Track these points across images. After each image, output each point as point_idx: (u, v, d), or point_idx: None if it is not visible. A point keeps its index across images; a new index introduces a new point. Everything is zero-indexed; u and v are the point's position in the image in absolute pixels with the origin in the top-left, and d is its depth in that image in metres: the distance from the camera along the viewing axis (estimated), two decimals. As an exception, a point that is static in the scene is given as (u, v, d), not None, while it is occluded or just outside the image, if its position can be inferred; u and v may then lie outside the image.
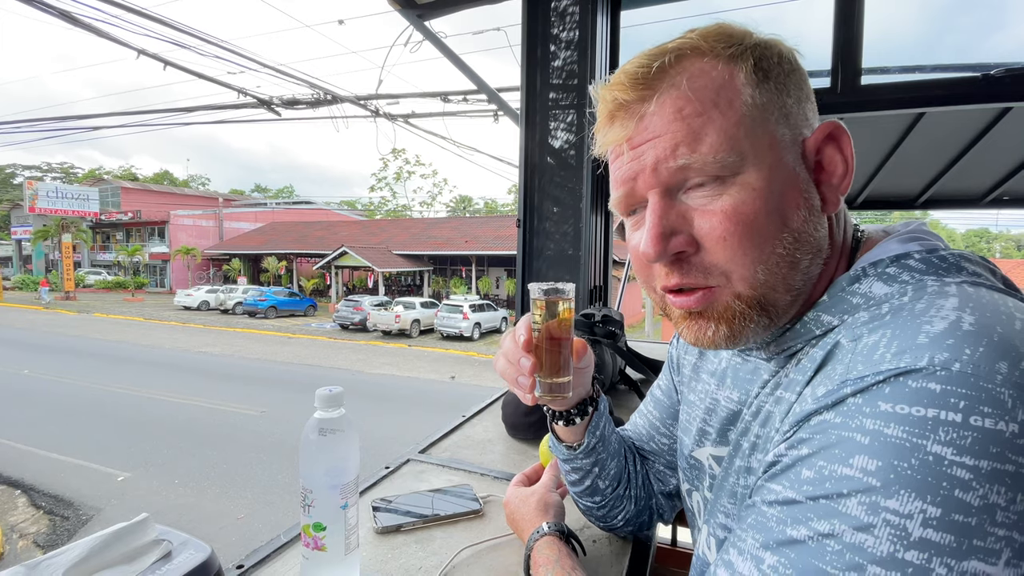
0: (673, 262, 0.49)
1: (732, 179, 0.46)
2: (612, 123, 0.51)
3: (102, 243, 36.87)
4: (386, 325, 19.33)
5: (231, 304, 24.51)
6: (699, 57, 0.48)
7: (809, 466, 0.38)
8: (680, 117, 0.46)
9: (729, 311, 0.49)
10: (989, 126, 2.06)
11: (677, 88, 0.47)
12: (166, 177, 60.65)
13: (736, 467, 0.55)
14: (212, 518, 5.67)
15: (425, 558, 0.79)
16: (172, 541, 0.57)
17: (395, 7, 2.23)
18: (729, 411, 0.61)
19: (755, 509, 0.42)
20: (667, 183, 0.48)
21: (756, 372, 0.58)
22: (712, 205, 0.47)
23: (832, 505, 0.35)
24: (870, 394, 0.36)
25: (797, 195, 0.48)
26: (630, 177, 0.50)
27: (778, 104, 0.48)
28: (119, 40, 5.89)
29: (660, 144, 0.47)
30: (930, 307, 0.39)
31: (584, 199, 1.91)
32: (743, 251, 0.46)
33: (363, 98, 8.42)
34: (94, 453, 7.34)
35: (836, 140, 0.50)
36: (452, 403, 10.12)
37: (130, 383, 11.57)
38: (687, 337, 0.53)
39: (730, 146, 0.46)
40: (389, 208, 48.48)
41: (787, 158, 0.48)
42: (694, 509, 0.67)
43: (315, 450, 0.66)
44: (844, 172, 0.50)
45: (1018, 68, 1.73)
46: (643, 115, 0.48)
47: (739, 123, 0.46)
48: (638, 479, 0.80)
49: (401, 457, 1.15)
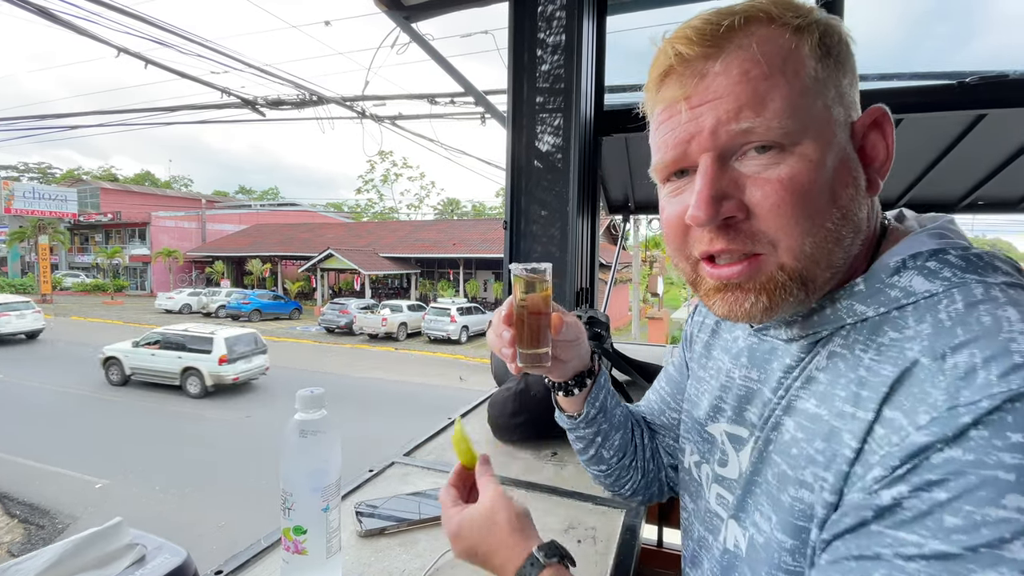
0: (720, 227, 0.48)
1: (790, 148, 0.46)
2: (668, 80, 0.49)
3: (80, 245, 36.08)
4: (373, 328, 19.19)
5: (214, 307, 24.15)
6: (768, 23, 0.47)
7: (953, 512, 0.35)
8: (747, 79, 0.45)
9: (772, 282, 0.48)
10: (964, 132, 2.12)
11: (745, 50, 0.46)
12: (147, 178, 59.57)
13: (778, 471, 0.51)
14: (192, 525, 5.57)
15: (409, 561, 0.78)
16: (146, 545, 0.56)
17: (382, 9, 2.22)
18: (747, 389, 0.60)
19: (885, 563, 0.37)
20: (724, 147, 0.47)
21: (773, 353, 0.57)
22: (767, 173, 0.46)
23: (997, 553, 0.33)
24: (994, 425, 0.35)
25: (847, 173, 0.48)
26: (684, 140, 0.48)
27: (835, 82, 0.48)
28: (99, 38, 5.79)
29: (722, 105, 0.46)
30: (997, 320, 0.39)
31: (571, 202, 1.91)
32: (795, 221, 0.46)
33: (349, 99, 8.37)
34: (71, 460, 7.17)
35: (881, 126, 0.50)
36: (440, 406, 10.08)
37: (107, 388, 11.32)
38: (718, 309, 0.51)
39: (793, 114, 0.45)
40: (376, 210, 48.20)
41: (840, 136, 0.48)
42: (701, 480, 0.66)
43: (296, 452, 0.65)
44: (885, 158, 0.50)
45: (992, 75, 1.78)
46: (706, 73, 0.47)
47: (803, 93, 0.46)
48: (646, 452, 0.81)
49: (385, 460, 1.14)
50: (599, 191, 2.35)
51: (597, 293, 2.28)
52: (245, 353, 11.45)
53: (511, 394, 1.27)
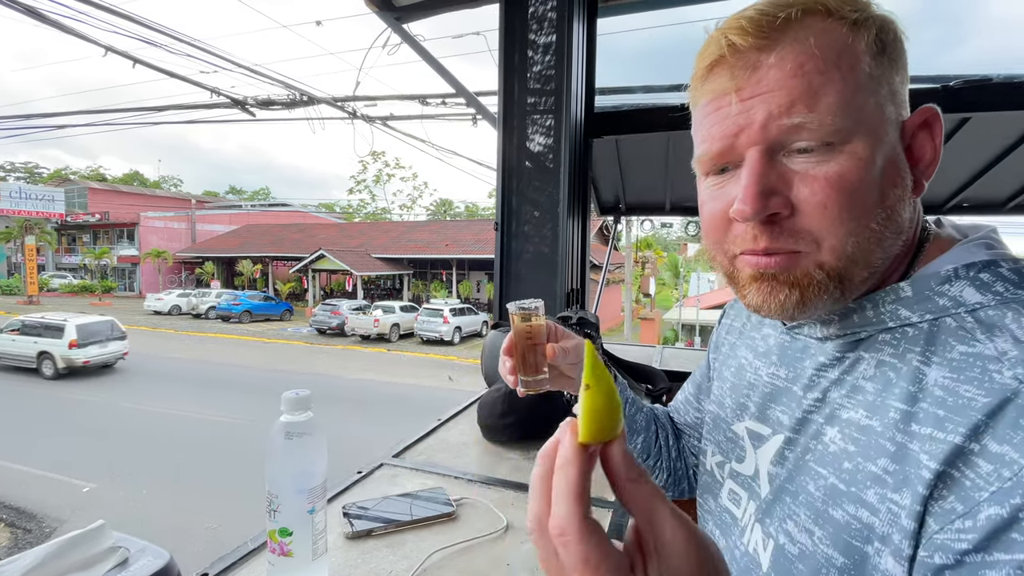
0: (764, 223, 0.47)
1: (841, 146, 0.45)
2: (718, 70, 0.48)
3: (68, 245, 35.64)
4: (365, 329, 19.11)
5: (204, 308, 23.94)
6: (825, 16, 0.45)
7: None
8: (801, 73, 0.44)
9: (807, 278, 0.47)
10: (948, 136, 2.15)
11: (801, 43, 0.45)
12: (136, 178, 58.94)
13: (825, 484, 0.48)
14: (181, 528, 5.52)
15: (396, 562, 0.78)
16: (129, 548, 0.56)
17: (373, 9, 2.21)
18: (773, 387, 0.59)
19: None
20: (773, 142, 0.46)
21: (806, 351, 0.57)
22: (816, 170, 0.45)
23: None
24: None
25: (896, 173, 0.47)
26: (732, 132, 0.47)
27: (888, 80, 0.47)
28: (86, 37, 5.72)
29: (775, 99, 0.45)
30: None
31: (561, 203, 1.92)
32: (840, 221, 0.45)
33: (340, 100, 8.33)
34: (58, 464, 7.09)
35: (930, 127, 0.49)
36: (433, 407, 10.05)
37: (95, 391, 11.20)
38: (752, 300, 0.50)
39: (846, 111, 0.44)
40: (368, 211, 48.02)
41: (891, 134, 0.47)
42: (722, 479, 0.65)
43: (281, 454, 0.65)
44: (932, 159, 0.49)
45: (976, 79, 1.80)
46: (759, 65, 0.46)
47: (857, 90, 0.45)
48: (671, 452, 0.82)
49: (374, 461, 1.13)
50: (590, 192, 2.35)
51: (588, 294, 2.29)
52: (99, 339, 12.54)
53: (500, 395, 1.28)
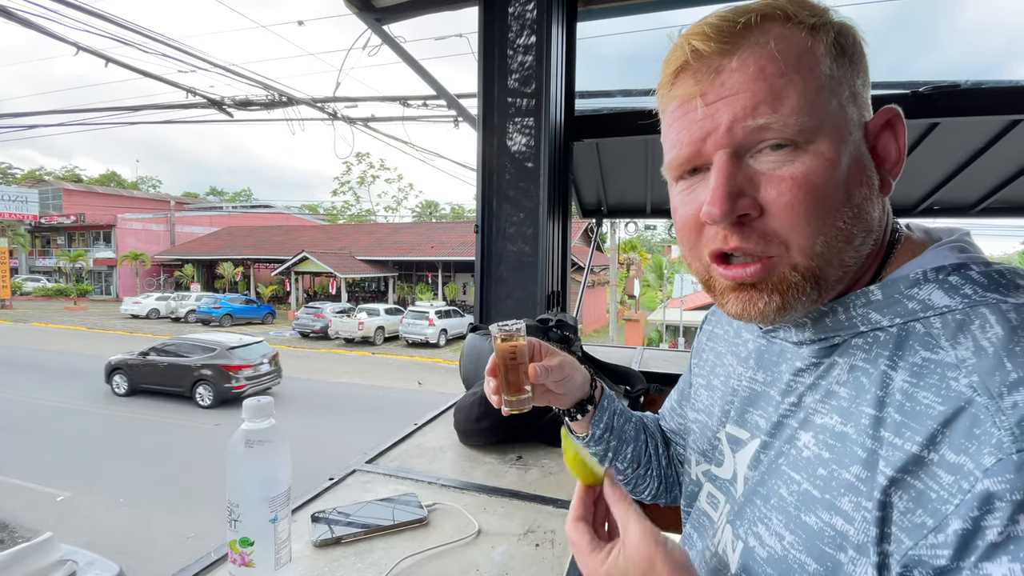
0: (734, 224, 0.48)
1: (805, 146, 0.46)
2: (682, 75, 0.49)
3: (42, 248, 34.73)
4: (349, 332, 18.90)
5: (183, 312, 23.48)
6: (784, 21, 0.47)
7: None
8: (763, 76, 0.46)
9: (784, 282, 0.48)
10: (919, 140, 2.19)
11: (762, 47, 0.46)
12: (113, 179, 57.60)
13: (799, 490, 0.48)
14: (159, 538, 5.40)
15: (364, 570, 0.77)
16: (77, 561, 0.54)
17: (352, 10, 2.19)
18: (752, 391, 0.60)
19: None
20: (739, 144, 0.47)
21: (782, 355, 0.57)
22: (782, 171, 0.46)
23: None
24: None
25: (861, 172, 0.48)
26: (699, 137, 0.48)
27: (849, 82, 0.48)
28: (56, 35, 5.58)
29: (739, 102, 0.46)
30: None
31: (542, 205, 1.92)
32: (807, 220, 0.46)
33: (320, 100, 8.24)
34: (32, 471, 6.89)
35: (893, 127, 0.50)
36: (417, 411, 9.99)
37: (69, 396, 10.91)
38: (732, 309, 0.51)
39: (809, 111, 0.45)
40: (353, 213, 47.60)
41: (855, 135, 0.48)
42: (703, 484, 0.65)
43: (242, 462, 0.64)
44: (897, 159, 0.50)
45: (945, 85, 1.85)
46: (722, 70, 0.47)
47: (819, 91, 0.46)
48: (661, 460, 0.83)
49: (347, 468, 1.12)
50: (571, 195, 2.36)
51: (569, 296, 2.29)
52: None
53: (476, 399, 1.27)
